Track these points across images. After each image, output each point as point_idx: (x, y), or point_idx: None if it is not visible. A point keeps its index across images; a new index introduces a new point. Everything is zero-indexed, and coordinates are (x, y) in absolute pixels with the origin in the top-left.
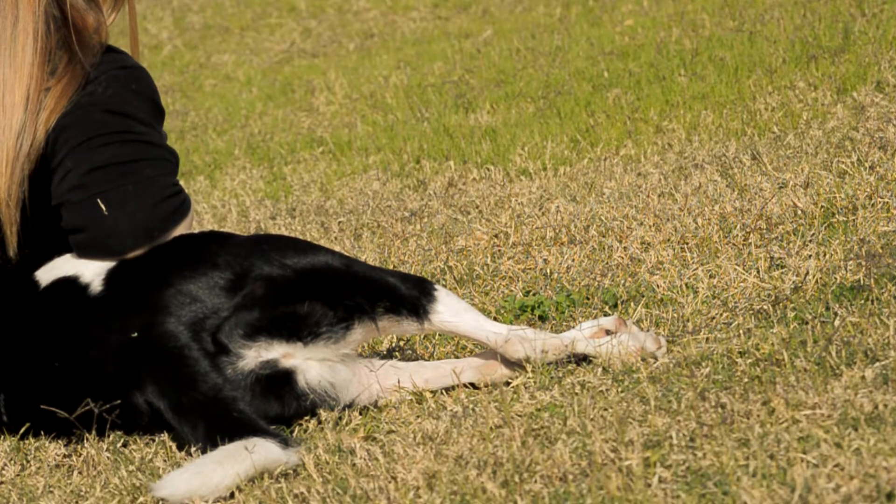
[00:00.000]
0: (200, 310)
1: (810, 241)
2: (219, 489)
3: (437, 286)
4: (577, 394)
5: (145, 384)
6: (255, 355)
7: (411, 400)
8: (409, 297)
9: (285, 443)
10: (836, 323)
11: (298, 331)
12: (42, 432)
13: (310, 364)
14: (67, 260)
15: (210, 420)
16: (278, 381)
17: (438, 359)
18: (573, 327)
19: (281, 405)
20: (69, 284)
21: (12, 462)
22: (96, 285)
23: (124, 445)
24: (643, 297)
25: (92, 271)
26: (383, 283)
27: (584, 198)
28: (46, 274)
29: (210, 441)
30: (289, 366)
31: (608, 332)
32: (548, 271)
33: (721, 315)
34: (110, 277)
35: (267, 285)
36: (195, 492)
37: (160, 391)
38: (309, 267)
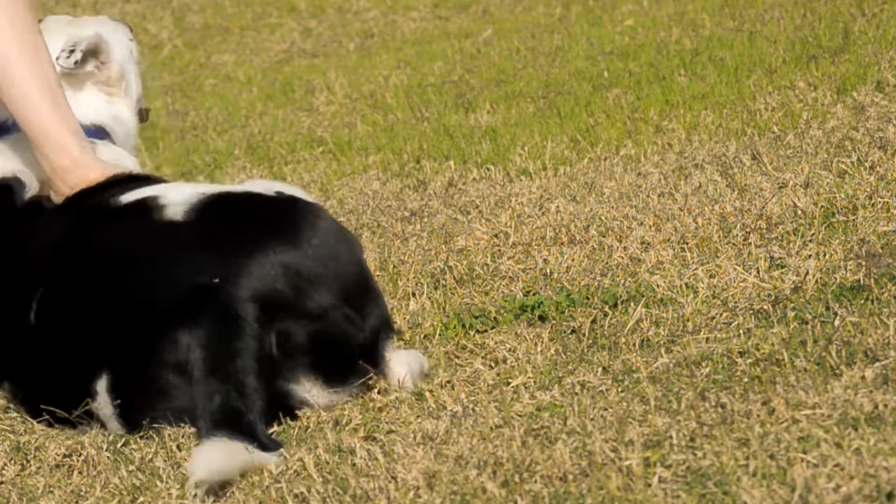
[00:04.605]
0: (279, 296)
1: (810, 241)
2: (236, 474)
3: None
4: (577, 394)
5: (198, 329)
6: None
7: (411, 400)
8: None
9: (277, 446)
10: (836, 323)
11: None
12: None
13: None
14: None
15: (227, 400)
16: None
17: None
18: (573, 327)
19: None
20: (149, 208)
21: (12, 462)
22: (177, 214)
23: (124, 445)
24: (643, 297)
25: (176, 199)
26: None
27: (584, 198)
28: (129, 196)
29: (215, 418)
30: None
31: None
32: (548, 271)
33: (721, 315)
34: (198, 212)
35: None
36: (223, 471)
37: (204, 345)
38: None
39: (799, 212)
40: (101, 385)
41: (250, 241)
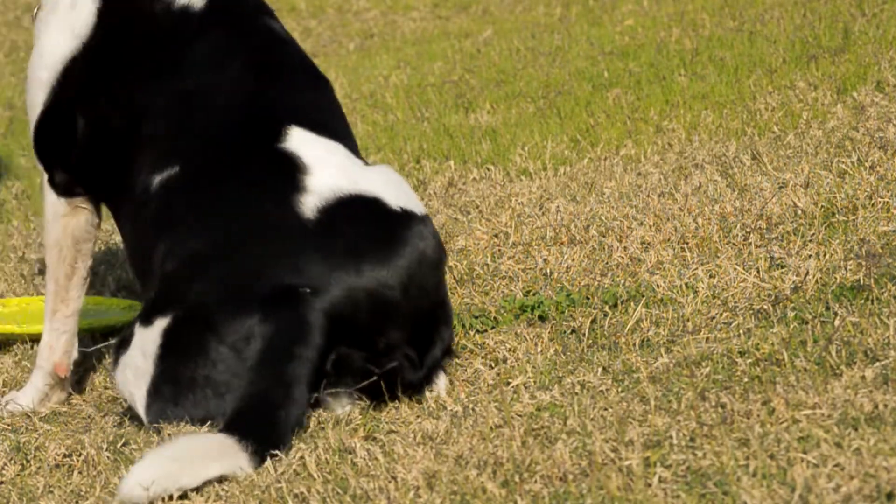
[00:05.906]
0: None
1: (810, 241)
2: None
3: None
4: (577, 394)
5: (269, 324)
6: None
7: (411, 400)
8: None
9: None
10: (836, 323)
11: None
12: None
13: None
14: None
15: (264, 396)
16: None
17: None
18: (573, 327)
19: None
20: (292, 187)
21: (12, 462)
22: (309, 209)
23: (124, 445)
24: (643, 297)
25: (318, 188)
26: None
27: (584, 198)
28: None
29: (242, 408)
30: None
31: None
32: (548, 271)
33: (721, 315)
34: (325, 214)
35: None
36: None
37: (269, 340)
38: None
39: (799, 212)
40: (160, 323)
41: (351, 259)
